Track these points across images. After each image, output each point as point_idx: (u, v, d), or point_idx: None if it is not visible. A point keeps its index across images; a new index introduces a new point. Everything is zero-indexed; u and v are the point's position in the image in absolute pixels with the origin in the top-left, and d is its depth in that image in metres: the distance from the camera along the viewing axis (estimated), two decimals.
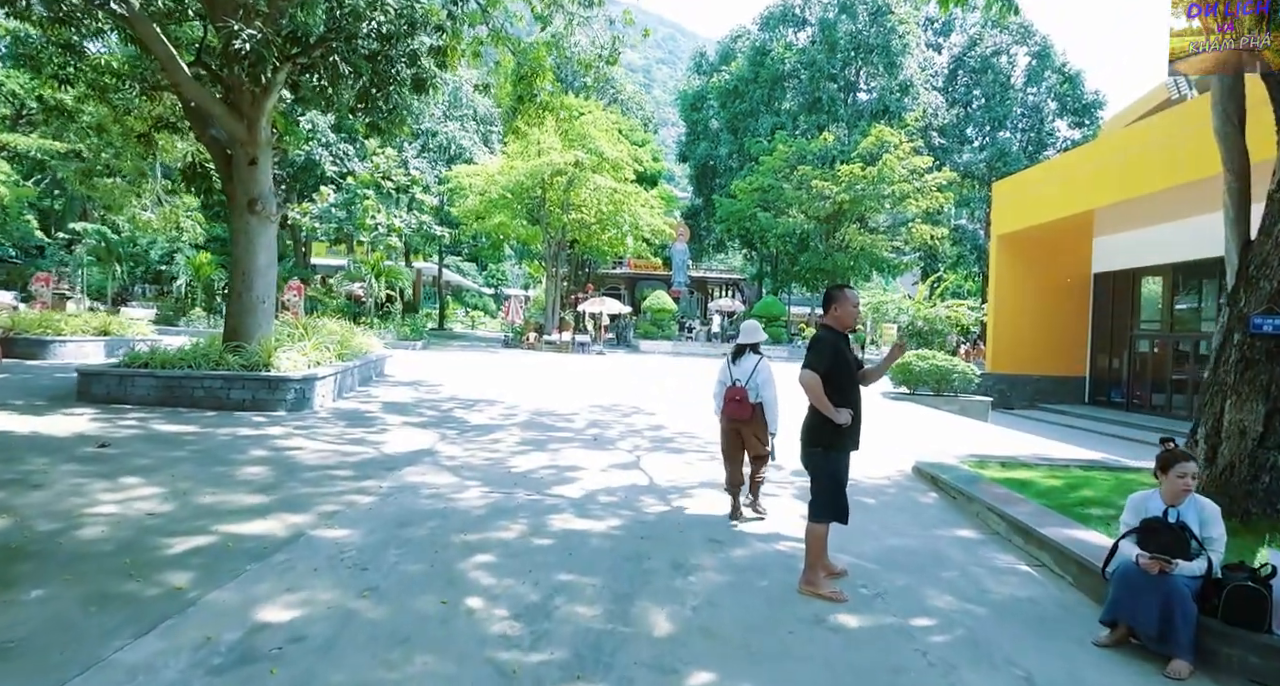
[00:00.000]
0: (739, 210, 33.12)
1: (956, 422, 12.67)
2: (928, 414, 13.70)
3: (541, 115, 13.62)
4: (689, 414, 11.18)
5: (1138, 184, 19.15)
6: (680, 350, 29.10)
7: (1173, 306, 22.72)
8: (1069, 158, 23.88)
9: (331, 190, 26.07)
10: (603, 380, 16.22)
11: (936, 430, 11.22)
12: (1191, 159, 17.10)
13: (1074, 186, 22.07)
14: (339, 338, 13.53)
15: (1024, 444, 10.58)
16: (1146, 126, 20.14)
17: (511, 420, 9.81)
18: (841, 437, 4.12)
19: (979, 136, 40.19)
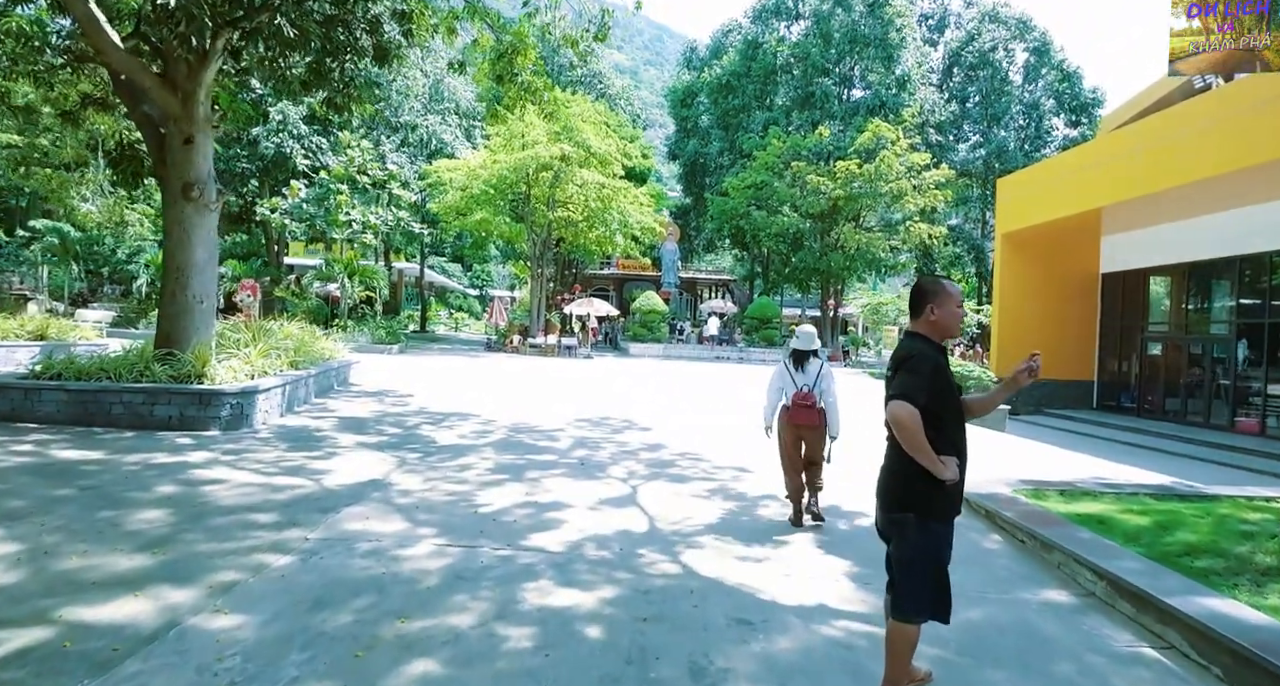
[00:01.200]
0: (731, 208, 31.93)
1: (976, 434, 11.47)
2: None
3: (523, 97, 12.30)
4: (689, 429, 9.90)
5: (1149, 180, 18.20)
6: (671, 353, 27.86)
7: (1184, 308, 21.77)
8: (1076, 154, 22.88)
9: (303, 185, 24.57)
10: (590, 388, 14.93)
11: None
12: (1207, 154, 16.17)
13: (1081, 183, 21.09)
14: (296, 343, 12.15)
15: (1059, 460, 9.39)
16: (1159, 120, 19.13)
17: (486, 439, 8.49)
18: (945, 499, 2.86)
19: (975, 133, 39.27)
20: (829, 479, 6.13)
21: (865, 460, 8.13)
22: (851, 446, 8.64)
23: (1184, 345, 21.31)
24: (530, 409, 11.12)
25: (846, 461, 7.62)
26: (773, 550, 4.90)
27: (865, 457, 8.33)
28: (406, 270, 43.93)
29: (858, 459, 7.86)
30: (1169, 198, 18.37)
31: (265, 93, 27.25)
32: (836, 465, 6.14)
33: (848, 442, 8.41)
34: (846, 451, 8.35)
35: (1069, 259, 24.08)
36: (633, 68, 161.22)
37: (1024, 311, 23.85)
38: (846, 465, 7.48)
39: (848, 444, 8.96)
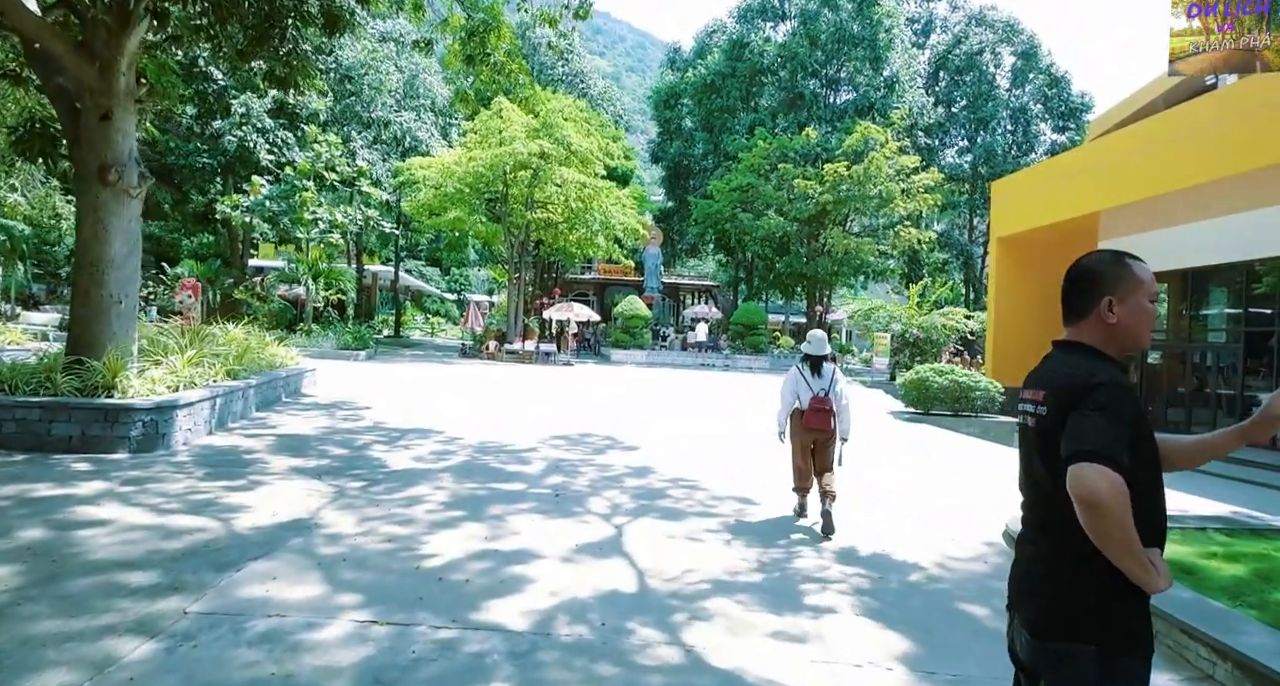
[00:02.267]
0: (716, 211, 30.97)
1: (988, 451, 10.52)
2: (950, 439, 11.55)
3: (496, 80, 11.19)
4: (681, 448, 8.79)
5: (1148, 184, 17.53)
6: (655, 360, 26.77)
7: (1186, 315, 21.10)
8: (1072, 157, 22.21)
9: (265, 182, 23.17)
10: (570, 398, 13.78)
11: (974, 463, 9.03)
12: (1209, 157, 15.51)
13: (1078, 187, 20.40)
14: (240, 349, 10.89)
15: None
16: (1158, 123, 18.47)
17: (445, 462, 7.32)
18: (1146, 623, 1.71)
19: (962, 138, 38.74)
20: (854, 499, 5.03)
21: (890, 490, 6.89)
22: (882, 465, 7.79)
23: (1186, 354, 20.62)
24: (501, 424, 9.95)
25: (882, 489, 6.77)
26: (808, 621, 3.79)
27: (891, 488, 7.08)
28: (381, 273, 42.50)
29: (886, 488, 6.89)
30: (1169, 202, 17.71)
31: (228, 84, 25.97)
32: (880, 497, 6.04)
33: (890, 464, 7.33)
34: (891, 476, 7.49)
35: (1065, 264, 23.15)
36: (615, 74, 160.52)
37: (1019, 318, 23.08)
38: (878, 493, 6.54)
39: (890, 465, 7.93)
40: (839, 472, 5.75)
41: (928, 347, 23.20)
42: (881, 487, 7.27)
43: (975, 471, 8.57)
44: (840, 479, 5.79)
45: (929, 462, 8.93)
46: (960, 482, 7.79)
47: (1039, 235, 22.28)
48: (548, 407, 11.99)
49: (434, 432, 8.94)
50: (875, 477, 7.68)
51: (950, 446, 10.63)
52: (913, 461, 8.95)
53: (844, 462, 5.79)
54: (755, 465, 7.91)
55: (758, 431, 10.17)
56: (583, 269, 45.85)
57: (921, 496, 6.94)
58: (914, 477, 7.88)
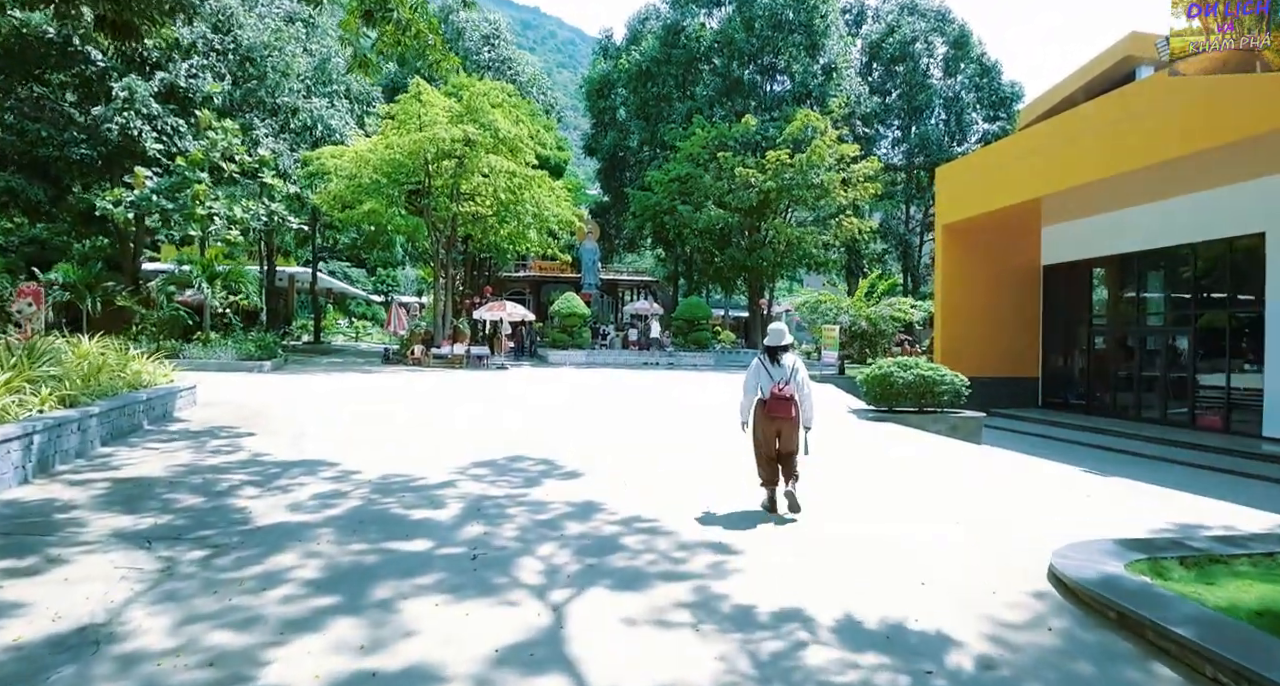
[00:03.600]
0: (654, 203, 29.67)
1: (967, 453, 9.50)
2: (919, 439, 10.51)
3: (402, 42, 9.51)
4: (633, 469, 7.37)
5: (1089, 168, 17.14)
6: (595, 360, 25.28)
7: (1133, 299, 20.97)
8: (1014, 141, 21.81)
9: (150, 173, 20.54)
10: (501, 408, 12.17)
11: (959, 469, 7.92)
12: (1148, 139, 15.14)
13: (1020, 172, 19.93)
14: (91, 367, 8.94)
15: (1067, 482, 7.37)
16: (1100, 105, 18.05)
17: (330, 511, 5.68)
18: None
19: (898, 127, 38.56)
20: (842, 536, 3.71)
21: (880, 517, 5.14)
22: (861, 481, 6.12)
23: (1134, 338, 20.43)
24: (414, 449, 8.30)
25: (871, 515, 5.06)
26: None
27: (881, 512, 5.21)
28: (302, 275, 39.63)
29: (875, 514, 5.31)
30: (1110, 186, 17.36)
31: (109, 65, 23.11)
32: (871, 528, 5.27)
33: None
34: (876, 496, 5.59)
35: (1011, 251, 23.00)
36: (546, 69, 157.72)
37: (966, 305, 22.62)
38: (867, 521, 4.96)
39: (869, 481, 6.64)
40: (804, 461, 5.94)
41: (877, 339, 22.46)
42: (869, 513, 6.01)
43: (966, 481, 7.44)
44: (805, 466, 5.96)
45: (910, 473, 7.75)
46: (956, 498, 6.61)
47: (984, 221, 21.81)
48: (473, 423, 10.37)
49: (326, 466, 7.25)
50: (859, 501, 6.43)
51: (925, 449, 9.53)
52: (892, 473, 7.76)
53: (810, 452, 5.93)
54: (724, 484, 6.57)
55: (718, 437, 8.84)
56: (517, 266, 43.93)
57: (920, 523, 5.71)
58: (903, 496, 6.67)
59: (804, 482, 5.98)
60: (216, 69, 24.20)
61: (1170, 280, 19.39)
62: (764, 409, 5.82)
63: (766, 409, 5.79)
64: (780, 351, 5.87)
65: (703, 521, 5.52)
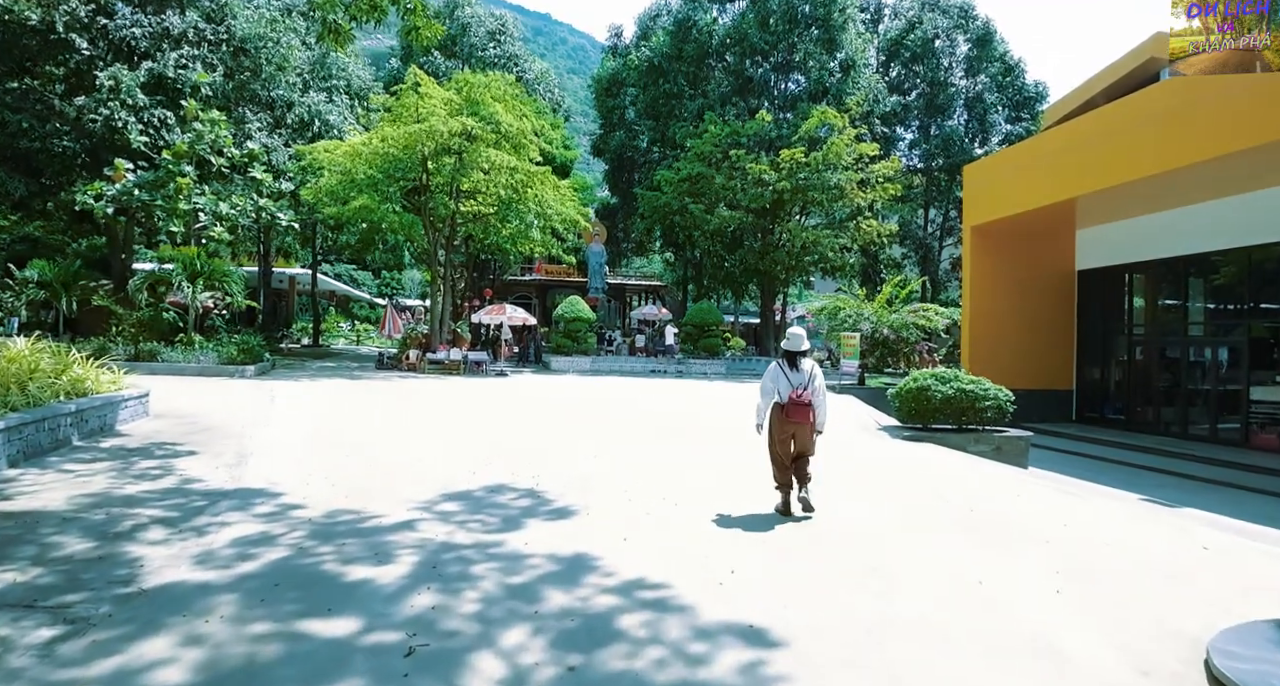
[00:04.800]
0: (664, 204, 28.40)
1: (1018, 480, 8.15)
2: (964, 464, 9.16)
3: (374, 2, 8.35)
4: (638, 506, 6.04)
5: (1129, 167, 15.82)
6: (601, 367, 23.98)
7: (1172, 307, 19.56)
8: (1049, 137, 20.42)
9: (130, 167, 19.41)
10: (489, 423, 10.89)
11: (1017, 503, 6.56)
12: (1205, 134, 13.82)
13: (1053, 170, 18.60)
14: (20, 372, 7.75)
15: (1197, 532, 6.00)
16: (1149, 96, 16.72)
17: (244, 566, 4.41)
18: None
19: (917, 128, 37.20)
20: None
21: (964, 578, 3.82)
22: (920, 525, 4.31)
23: (1178, 349, 19.01)
24: (379, 473, 7.04)
25: (954, 579, 3.52)
26: None
27: (965, 572, 3.96)
28: (301, 276, 38.61)
29: (959, 576, 3.78)
30: (1152, 186, 16.03)
31: (94, 53, 22.08)
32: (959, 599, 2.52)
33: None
34: (948, 549, 4.15)
35: (1044, 254, 21.62)
36: (557, 74, 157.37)
37: (995, 312, 21.23)
38: (951, 590, 3.48)
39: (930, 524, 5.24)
40: (812, 462, 6.04)
41: (900, 347, 21.09)
42: (944, 583, 4.67)
43: (1043, 525, 6.08)
44: (856, 508, 6.01)
45: (981, 517, 6.39)
46: (1042, 554, 5.25)
47: (1015, 223, 20.45)
48: (454, 442, 9.09)
49: (265, 497, 5.99)
50: (927, 563, 5.09)
51: (981, 479, 8.17)
52: (956, 516, 6.42)
53: (815, 453, 6.06)
54: (751, 531, 5.27)
55: (740, 466, 7.52)
56: (523, 270, 42.83)
57: (1014, 602, 4.36)
58: (981, 557, 5.32)
59: (858, 526, 4.78)
60: (208, 60, 23.14)
61: (1220, 286, 17.98)
62: (782, 413, 5.89)
63: (785, 413, 5.86)
64: (799, 356, 5.93)
65: (727, 590, 4.21)
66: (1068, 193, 18.01)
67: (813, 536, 5.35)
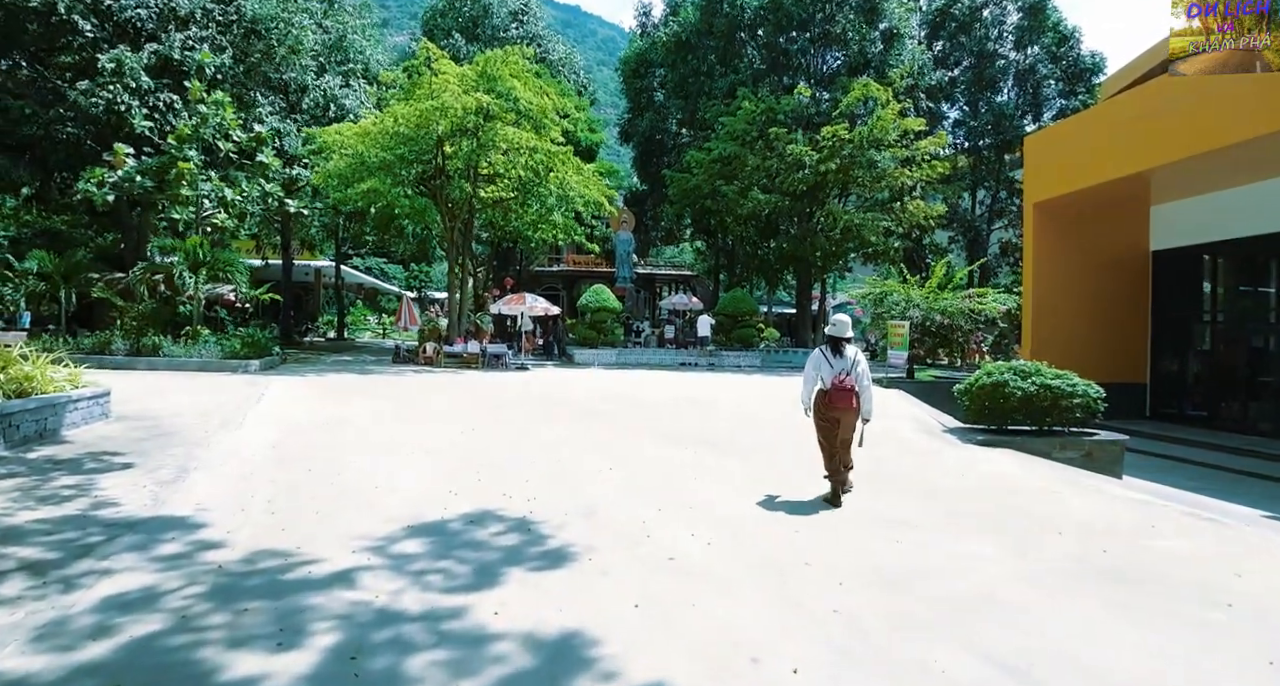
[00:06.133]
0: (694, 186, 26.79)
1: (1139, 501, 6.50)
2: (1058, 477, 7.51)
3: None
4: (662, 550, 4.57)
5: (1213, 134, 13.86)
6: (627, 359, 22.56)
7: (1264, 292, 17.45)
8: (1123, 102, 18.35)
9: (129, 151, 18.45)
10: (491, 426, 9.49)
11: (1144, 531, 4.93)
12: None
13: (1126, 140, 16.59)
14: None
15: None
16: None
17: (90, 649, 3.07)
18: None
19: (965, 102, 34.89)
20: None
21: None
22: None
23: (1267, 338, 16.95)
24: (337, 492, 5.70)
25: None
26: None
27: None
28: (327, 269, 37.93)
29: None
30: (1240, 154, 14.06)
31: (99, 36, 21.24)
32: None
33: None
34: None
35: (1115, 234, 19.56)
36: (585, 66, 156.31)
37: (1060, 297, 19.25)
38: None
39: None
40: (858, 453, 6.03)
41: (953, 336, 19.30)
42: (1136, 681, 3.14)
43: (1203, 571, 4.50)
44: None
45: (1107, 553, 4.81)
46: (1235, 625, 3.69)
47: (1082, 199, 18.47)
48: (445, 449, 7.72)
49: (181, 529, 4.67)
50: (1079, 635, 3.55)
51: (1049, 485, 6.55)
52: (1078, 557, 4.84)
53: (863, 444, 6.07)
54: (807, 586, 3.78)
55: (790, 484, 6.03)
56: (550, 260, 41.61)
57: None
58: (1146, 621, 3.76)
59: (962, 580, 3.25)
60: (217, 42, 22.13)
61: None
62: (825, 399, 5.90)
63: (827, 399, 5.87)
64: (844, 343, 5.93)
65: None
66: (1143, 164, 16.07)
67: (908, 606, 3.83)
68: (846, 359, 5.86)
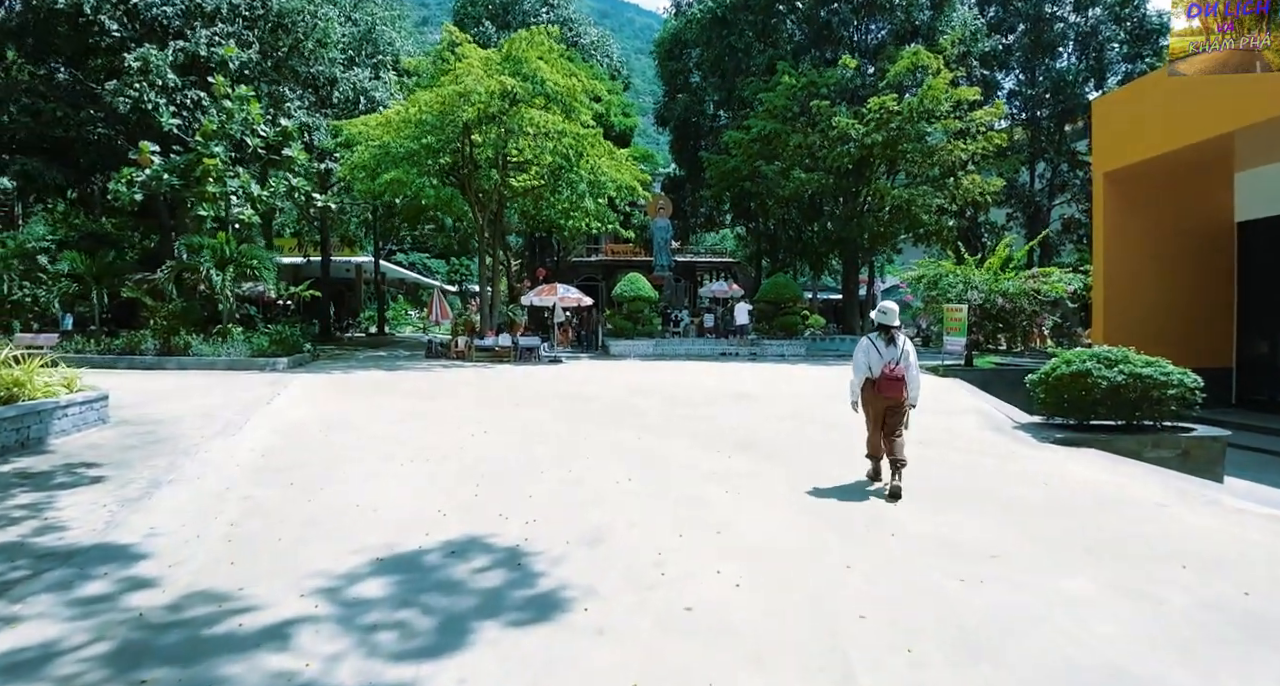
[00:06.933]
0: (733, 168, 25.64)
1: (1251, 515, 5.34)
2: (1170, 487, 6.35)
3: None
4: (684, 600, 3.69)
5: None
6: (665, 350, 21.64)
7: None
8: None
9: (155, 149, 18.22)
10: (507, 427, 8.69)
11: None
12: None
13: (1203, 99, 14.88)
14: None
15: None
16: None
17: None
18: None
19: (1020, 70, 32.78)
20: None
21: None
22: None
23: None
24: (310, 513, 4.98)
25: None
26: None
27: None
28: (368, 265, 37.95)
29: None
30: None
31: (126, 34, 21.17)
32: None
33: None
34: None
35: (1196, 204, 17.80)
36: (624, 56, 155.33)
37: (1135, 275, 17.58)
38: None
39: None
40: (915, 453, 5.88)
41: (1016, 320, 17.88)
42: None
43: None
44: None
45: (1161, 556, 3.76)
46: None
47: (1158, 166, 16.77)
48: (449, 456, 6.95)
49: (118, 561, 3.99)
50: None
51: (1223, 525, 5.44)
52: (1253, 630, 3.80)
53: (910, 426, 5.83)
54: (872, 657, 2.87)
55: (840, 502, 5.09)
56: (589, 250, 40.89)
57: None
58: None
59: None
60: (244, 37, 21.88)
61: None
62: (874, 388, 5.78)
63: (876, 388, 5.75)
64: (895, 330, 5.85)
65: None
66: (1227, 124, 14.36)
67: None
68: (897, 347, 5.73)
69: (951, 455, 7.15)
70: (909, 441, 5.79)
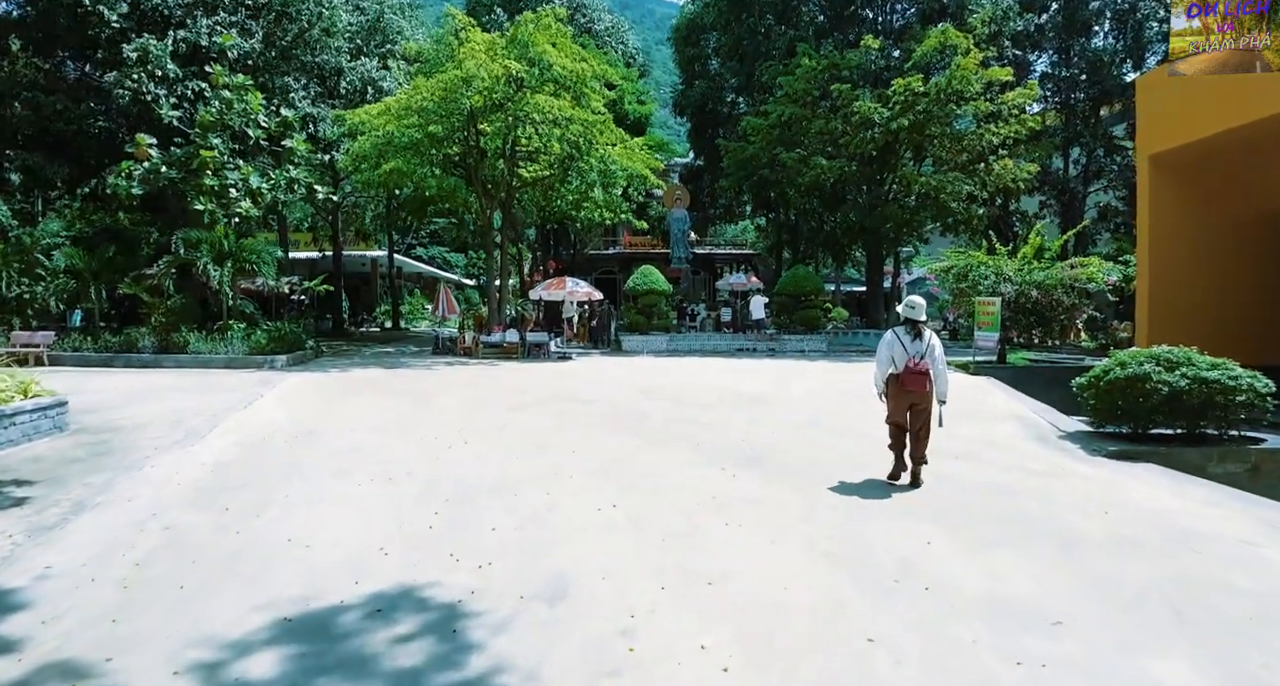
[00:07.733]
0: (752, 155, 24.67)
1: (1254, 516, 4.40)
2: (1238, 513, 5.41)
3: None
4: (676, 676, 2.90)
5: None
6: (680, 346, 20.80)
7: None
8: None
9: (152, 141, 17.69)
10: (491, 441, 7.95)
11: None
12: None
13: (1261, 75, 13.62)
14: None
15: None
16: None
17: None
18: None
19: (1054, 50, 31.26)
20: None
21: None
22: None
23: None
24: (231, 551, 4.25)
25: None
26: None
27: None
28: (384, 259, 37.54)
29: None
30: None
31: (125, 25, 20.71)
32: None
33: None
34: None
35: (1250, 189, 16.55)
36: (645, 47, 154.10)
37: (1184, 267, 16.36)
38: None
39: None
40: (937, 433, 5.82)
41: (1053, 314, 16.78)
42: None
43: None
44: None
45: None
46: None
47: (1209, 147, 15.55)
48: (420, 469, 6.20)
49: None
50: None
51: (1226, 524, 4.53)
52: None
53: (944, 424, 5.84)
54: None
55: (853, 528, 4.25)
56: (606, 242, 40.04)
57: None
58: None
59: None
60: (246, 26, 21.33)
61: None
62: (898, 383, 5.73)
63: (901, 383, 5.71)
64: (921, 324, 5.78)
65: None
66: (1272, 107, 13.16)
67: None
68: (923, 342, 5.70)
69: (992, 472, 6.25)
70: (944, 453, 5.48)
